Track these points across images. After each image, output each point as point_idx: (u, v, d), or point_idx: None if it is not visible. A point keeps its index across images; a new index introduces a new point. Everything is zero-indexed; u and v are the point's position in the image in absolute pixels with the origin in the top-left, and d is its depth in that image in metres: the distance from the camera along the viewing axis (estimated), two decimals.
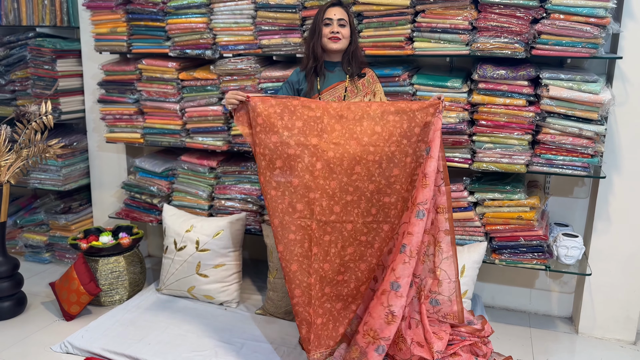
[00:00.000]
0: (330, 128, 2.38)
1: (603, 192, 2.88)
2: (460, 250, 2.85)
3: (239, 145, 3.23)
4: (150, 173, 3.46)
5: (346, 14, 2.58)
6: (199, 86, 3.21)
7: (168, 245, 3.23)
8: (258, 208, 3.29)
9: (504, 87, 2.70)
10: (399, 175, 2.39)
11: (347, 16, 2.57)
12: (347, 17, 2.57)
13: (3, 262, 3.07)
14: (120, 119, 3.46)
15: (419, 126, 2.38)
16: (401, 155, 2.38)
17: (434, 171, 2.36)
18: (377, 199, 2.40)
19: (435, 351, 2.41)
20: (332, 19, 2.55)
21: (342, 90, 2.59)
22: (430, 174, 2.35)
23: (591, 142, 2.64)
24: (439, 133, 2.38)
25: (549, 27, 2.58)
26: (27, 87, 3.68)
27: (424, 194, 2.34)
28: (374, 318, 2.35)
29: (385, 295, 2.33)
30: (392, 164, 2.38)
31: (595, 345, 2.93)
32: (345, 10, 2.59)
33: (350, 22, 2.58)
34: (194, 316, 3.02)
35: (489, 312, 3.22)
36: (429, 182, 2.34)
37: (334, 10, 2.56)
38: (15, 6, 3.69)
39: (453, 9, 2.69)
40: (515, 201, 2.81)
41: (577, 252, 2.81)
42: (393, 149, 2.36)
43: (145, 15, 3.21)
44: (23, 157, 3.09)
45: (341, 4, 2.61)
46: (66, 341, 2.76)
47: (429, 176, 2.35)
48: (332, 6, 2.58)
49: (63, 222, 3.79)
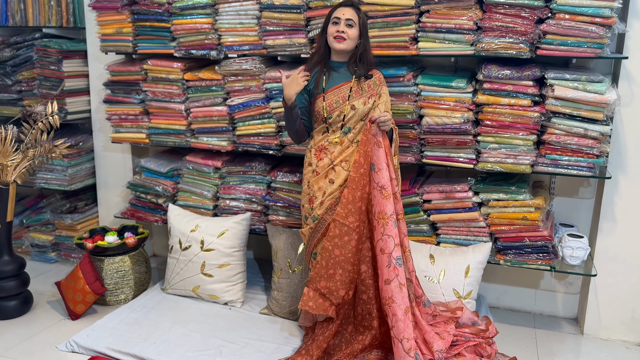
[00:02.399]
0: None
1: (608, 192, 2.86)
2: (465, 250, 2.85)
3: (244, 145, 3.23)
4: (156, 173, 3.48)
5: (356, 15, 2.54)
6: (204, 86, 3.22)
7: (173, 245, 3.24)
8: (263, 208, 3.30)
9: (509, 87, 2.69)
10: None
11: (357, 18, 2.54)
12: (357, 18, 2.54)
13: (9, 262, 3.09)
14: (125, 119, 3.47)
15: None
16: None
17: (388, 181, 2.43)
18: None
19: (435, 350, 2.41)
20: (340, 19, 2.53)
21: (347, 90, 2.58)
22: (386, 184, 2.43)
23: (596, 143, 2.63)
24: (375, 147, 2.45)
25: (554, 27, 2.57)
26: (33, 87, 3.70)
27: (390, 204, 2.42)
28: (412, 338, 2.38)
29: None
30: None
31: (600, 346, 2.92)
32: (356, 11, 2.55)
33: (360, 24, 2.55)
34: (199, 316, 3.03)
35: (493, 313, 3.21)
36: (389, 193, 2.42)
37: (343, 10, 2.54)
38: (21, 7, 3.71)
39: (458, 9, 2.69)
40: (520, 201, 2.80)
41: (582, 253, 2.80)
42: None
43: (151, 16, 3.23)
44: (29, 157, 3.11)
45: (353, 5, 2.57)
46: (72, 340, 2.78)
47: (387, 187, 2.42)
48: (343, 6, 2.56)
49: (69, 222, 3.81)
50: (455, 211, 2.90)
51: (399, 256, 2.40)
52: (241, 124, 3.20)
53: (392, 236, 2.40)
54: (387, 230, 2.41)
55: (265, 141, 3.19)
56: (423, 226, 2.99)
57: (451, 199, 2.89)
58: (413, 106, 2.83)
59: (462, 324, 2.69)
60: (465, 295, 2.78)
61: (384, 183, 2.42)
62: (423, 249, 2.90)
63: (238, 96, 3.16)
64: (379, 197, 2.43)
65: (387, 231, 2.41)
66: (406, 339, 2.33)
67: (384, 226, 2.42)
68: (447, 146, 2.85)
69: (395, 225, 2.42)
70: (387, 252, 2.41)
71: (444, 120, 2.79)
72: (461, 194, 2.87)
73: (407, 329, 2.34)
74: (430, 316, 2.63)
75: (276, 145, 3.17)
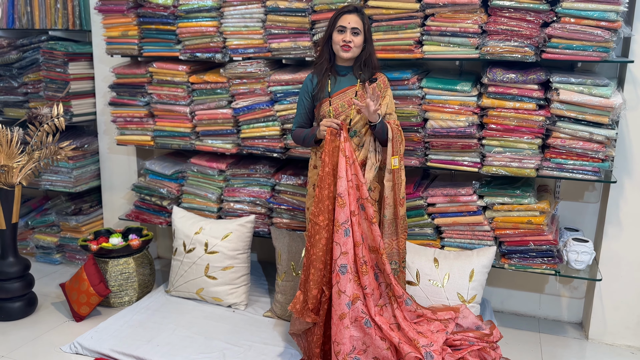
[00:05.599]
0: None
1: (614, 196, 2.85)
2: (470, 254, 2.84)
3: (248, 147, 3.24)
4: (160, 175, 3.49)
5: (361, 22, 2.51)
6: (209, 89, 3.23)
7: (177, 247, 3.25)
8: (267, 211, 3.30)
9: (514, 90, 2.69)
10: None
11: (362, 24, 2.51)
12: (361, 25, 2.51)
13: (14, 263, 3.10)
14: (130, 121, 3.48)
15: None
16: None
17: (345, 190, 2.43)
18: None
19: (421, 346, 2.43)
20: (346, 27, 2.49)
21: (352, 94, 2.58)
22: (342, 193, 2.43)
23: (602, 147, 2.62)
24: (339, 154, 2.44)
25: (559, 31, 2.56)
26: (39, 89, 3.72)
27: (344, 213, 2.42)
28: (343, 343, 2.41)
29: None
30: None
31: (605, 351, 2.90)
32: (361, 17, 2.52)
33: (365, 30, 2.52)
34: (202, 318, 3.03)
35: (498, 317, 3.20)
36: (345, 202, 2.42)
37: (348, 18, 2.49)
38: (28, 10, 3.73)
39: (463, 13, 2.69)
40: (525, 205, 2.79)
41: (587, 257, 2.79)
42: None
43: (156, 18, 3.24)
44: (35, 159, 3.12)
45: (358, 10, 2.54)
46: (76, 342, 2.78)
47: (343, 195, 2.43)
48: (348, 13, 2.51)
49: (73, 224, 3.82)
50: (459, 215, 2.90)
51: (343, 264, 2.42)
52: (246, 127, 3.21)
53: (339, 244, 2.43)
54: (336, 238, 2.44)
55: (269, 144, 3.19)
56: (427, 229, 2.98)
57: (456, 202, 2.88)
58: (417, 109, 2.83)
59: (466, 328, 2.68)
60: (470, 299, 2.77)
61: (340, 192, 2.43)
62: (427, 253, 2.89)
63: (243, 99, 3.16)
64: (335, 204, 2.45)
65: (336, 238, 2.44)
66: (336, 342, 2.41)
67: (335, 233, 2.45)
68: (451, 149, 2.85)
69: (347, 234, 2.43)
70: (334, 258, 2.45)
71: (449, 124, 2.78)
72: (466, 198, 2.86)
73: (338, 333, 2.41)
74: (414, 314, 2.61)
75: (280, 148, 3.18)
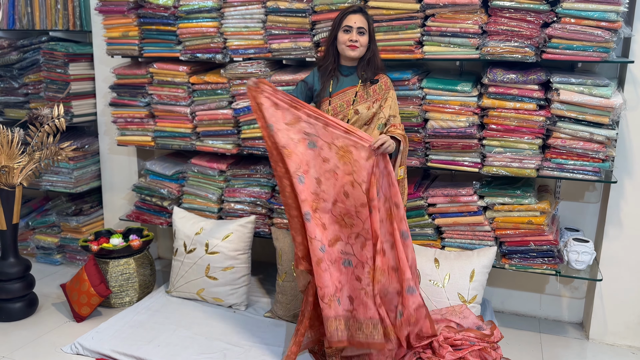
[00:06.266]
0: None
1: (614, 197, 2.85)
2: (470, 254, 2.84)
3: (249, 148, 3.24)
4: (161, 176, 3.49)
5: (366, 22, 2.52)
6: (210, 90, 3.23)
7: (178, 248, 3.25)
8: (267, 211, 3.30)
9: (514, 91, 2.69)
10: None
11: (367, 24, 2.52)
12: (366, 25, 2.52)
13: (15, 264, 3.10)
14: (131, 122, 3.49)
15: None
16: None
17: (287, 141, 2.45)
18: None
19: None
20: (352, 27, 2.50)
21: (352, 95, 2.58)
22: (286, 145, 2.44)
23: (602, 147, 2.62)
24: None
25: (559, 31, 2.57)
26: (40, 90, 3.72)
27: (293, 162, 2.42)
28: (326, 286, 2.40)
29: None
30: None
31: (606, 351, 2.90)
32: (366, 17, 2.53)
33: (369, 30, 2.54)
34: (203, 318, 3.03)
35: (498, 317, 3.20)
36: (291, 151, 2.44)
37: (354, 18, 2.50)
38: (28, 10, 3.73)
39: (463, 13, 2.69)
40: (525, 206, 2.79)
41: (587, 257, 2.79)
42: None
43: (157, 19, 3.24)
44: (35, 160, 3.12)
45: (362, 11, 2.55)
46: (76, 342, 2.78)
47: (287, 147, 2.43)
48: (353, 13, 2.52)
49: (74, 224, 3.82)
50: (460, 215, 2.90)
51: (306, 211, 2.40)
52: (246, 127, 3.21)
53: (297, 192, 2.43)
54: (295, 186, 2.44)
55: None
56: (428, 230, 2.98)
57: (456, 202, 2.89)
58: (418, 110, 2.84)
59: (467, 328, 2.69)
60: (470, 300, 2.77)
61: (283, 143, 2.43)
62: (427, 253, 2.89)
63: (243, 99, 3.16)
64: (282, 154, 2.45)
65: (295, 187, 2.44)
66: (319, 287, 2.40)
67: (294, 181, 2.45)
68: (452, 150, 2.85)
69: (301, 181, 2.42)
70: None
71: (449, 124, 2.78)
72: (466, 198, 2.87)
73: (319, 278, 2.39)
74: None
75: None
